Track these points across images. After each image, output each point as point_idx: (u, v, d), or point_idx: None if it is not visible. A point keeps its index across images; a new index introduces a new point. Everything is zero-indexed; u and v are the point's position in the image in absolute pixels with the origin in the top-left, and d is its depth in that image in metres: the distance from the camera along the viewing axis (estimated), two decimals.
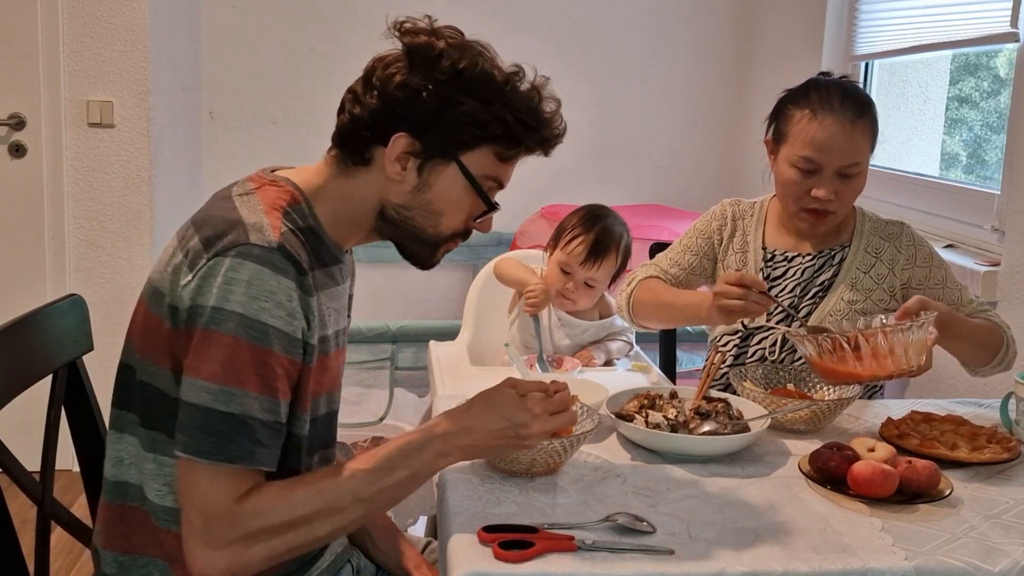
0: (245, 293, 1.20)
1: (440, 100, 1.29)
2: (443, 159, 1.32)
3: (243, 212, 1.27)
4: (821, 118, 1.85)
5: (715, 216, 2.09)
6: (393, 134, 1.30)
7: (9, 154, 3.22)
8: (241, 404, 1.20)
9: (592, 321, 2.33)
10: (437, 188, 1.33)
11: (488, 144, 1.32)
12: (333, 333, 1.37)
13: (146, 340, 1.29)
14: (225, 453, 1.20)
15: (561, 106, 1.37)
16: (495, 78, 1.31)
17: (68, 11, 3.16)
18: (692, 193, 4.19)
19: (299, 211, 1.32)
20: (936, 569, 1.22)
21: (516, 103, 1.31)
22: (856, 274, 1.97)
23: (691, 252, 2.08)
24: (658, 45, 4.17)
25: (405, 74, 1.29)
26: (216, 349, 1.19)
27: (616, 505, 1.36)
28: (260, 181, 1.34)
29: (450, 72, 1.29)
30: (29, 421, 1.79)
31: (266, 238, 1.23)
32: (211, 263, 1.22)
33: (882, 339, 1.58)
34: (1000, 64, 3.24)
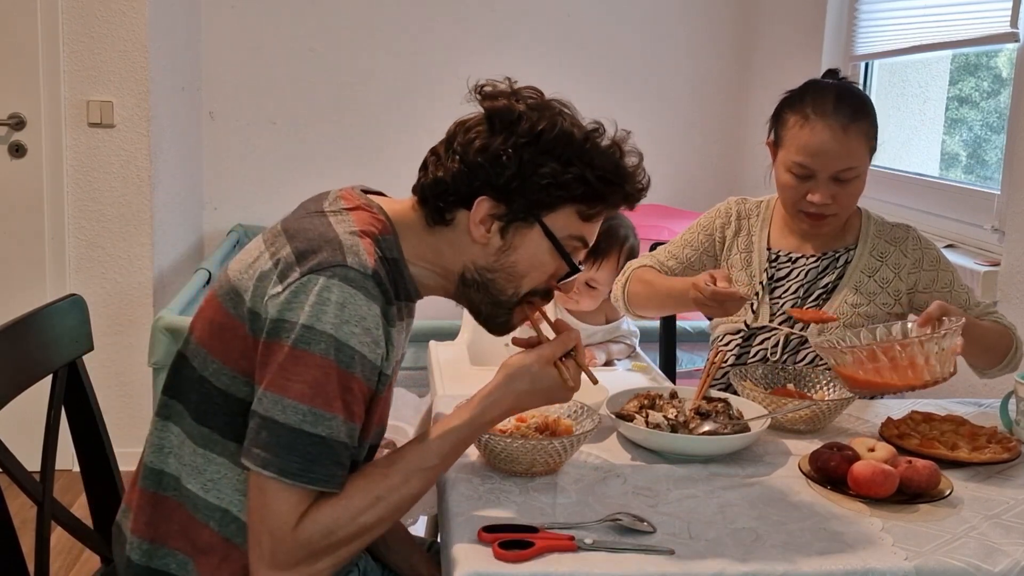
0: (337, 316, 1.20)
1: (520, 163, 1.29)
2: (526, 221, 1.32)
3: (339, 230, 1.27)
4: (813, 124, 1.85)
5: (720, 213, 2.09)
6: (476, 197, 1.30)
7: (9, 154, 3.22)
8: (328, 427, 1.21)
9: (599, 325, 2.32)
10: (521, 250, 1.33)
11: (571, 204, 1.32)
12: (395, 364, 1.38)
13: (216, 338, 1.29)
14: (309, 475, 1.20)
15: (643, 159, 1.38)
16: (574, 137, 1.31)
17: (68, 11, 3.16)
18: (692, 193, 4.19)
19: (388, 241, 1.32)
20: (936, 569, 1.22)
21: (596, 161, 1.32)
22: (860, 277, 1.96)
23: (691, 247, 2.09)
24: (658, 45, 4.17)
25: (486, 138, 1.30)
26: (305, 369, 1.20)
27: (616, 505, 1.36)
28: (353, 202, 1.35)
29: (529, 135, 1.29)
30: (29, 421, 1.79)
31: (362, 263, 1.23)
32: (304, 279, 1.21)
33: (918, 348, 1.56)
34: (1000, 64, 3.24)
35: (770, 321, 1.99)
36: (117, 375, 3.23)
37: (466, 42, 3.97)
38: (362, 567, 1.53)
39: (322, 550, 1.22)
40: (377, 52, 3.94)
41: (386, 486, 1.27)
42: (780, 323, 1.98)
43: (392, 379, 1.39)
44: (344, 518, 1.23)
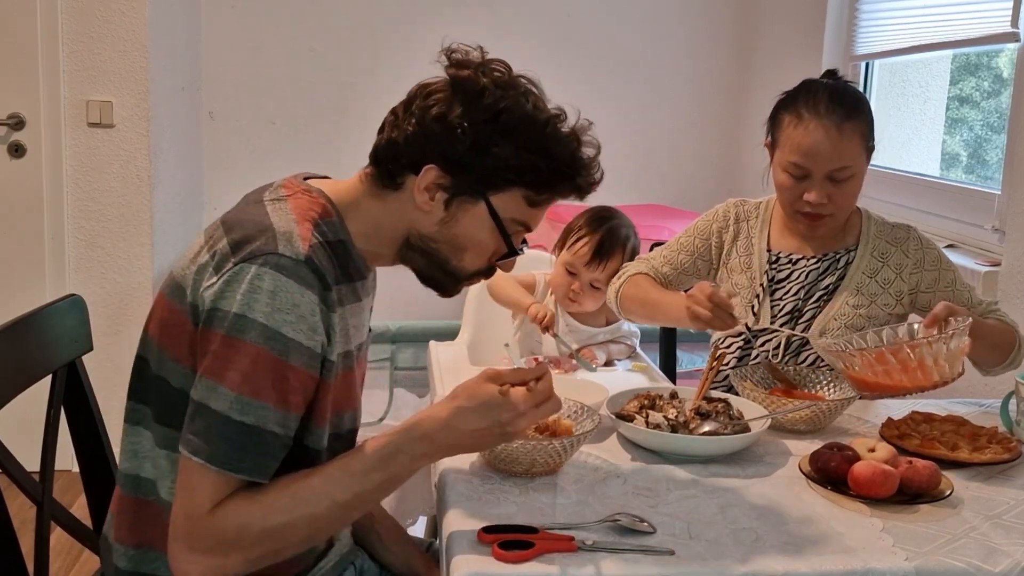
0: (269, 304, 1.20)
1: (475, 139, 1.28)
2: (472, 197, 1.31)
3: (274, 219, 1.27)
4: (807, 123, 1.85)
5: (716, 217, 2.08)
6: (425, 164, 1.29)
7: (9, 154, 3.21)
8: (258, 415, 1.20)
9: (600, 327, 2.33)
10: (463, 224, 1.32)
11: (519, 187, 1.31)
12: (356, 347, 1.37)
13: (166, 334, 1.29)
14: (235, 463, 1.20)
15: (600, 151, 1.37)
16: (535, 122, 1.29)
17: (68, 11, 3.16)
18: (692, 193, 4.19)
19: (330, 224, 1.31)
20: (937, 569, 1.22)
21: (552, 149, 1.30)
22: (862, 278, 1.96)
23: (685, 252, 2.08)
24: (658, 45, 4.17)
25: (445, 107, 1.28)
26: (238, 357, 1.19)
27: (616, 505, 1.36)
28: (293, 188, 1.34)
29: (489, 112, 1.28)
30: (29, 421, 1.79)
31: (295, 250, 1.23)
32: (237, 268, 1.21)
33: (927, 349, 1.56)
34: (1001, 64, 3.24)
35: (771, 323, 1.99)
36: (117, 375, 3.23)
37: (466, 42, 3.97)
38: (359, 566, 1.53)
39: (232, 543, 1.20)
40: (377, 52, 3.94)
41: (305, 485, 1.23)
42: (781, 325, 1.98)
43: (356, 360, 1.38)
44: (257, 512, 1.21)
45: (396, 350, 3.22)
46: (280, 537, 1.22)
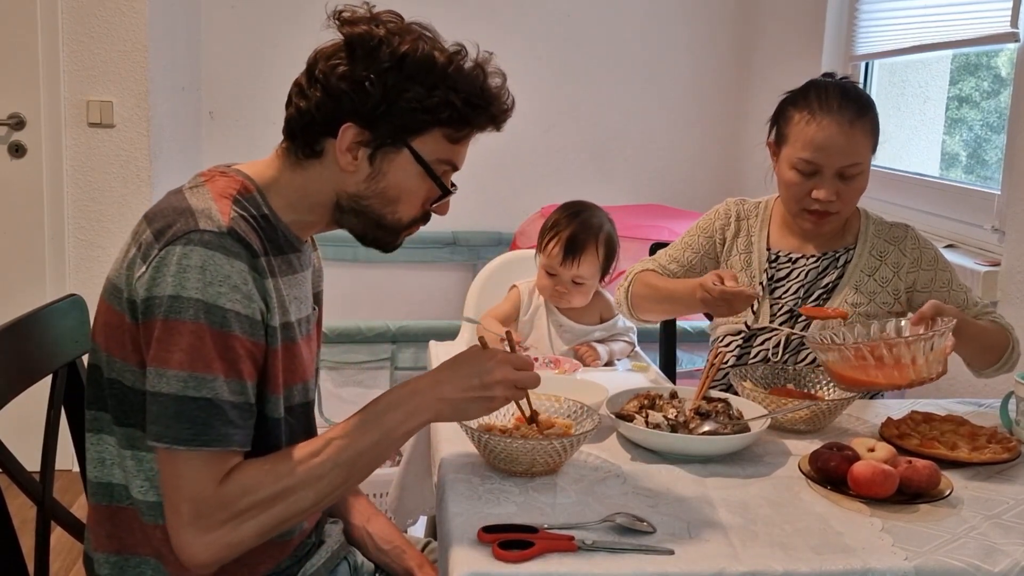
0: (200, 279, 1.20)
1: (384, 89, 1.28)
2: (394, 146, 1.32)
3: (192, 201, 1.28)
4: (820, 119, 1.85)
5: (719, 215, 2.09)
6: (341, 126, 1.30)
7: (9, 154, 3.22)
8: (211, 388, 1.21)
9: (594, 325, 2.32)
10: (391, 175, 1.33)
11: (437, 128, 1.32)
12: (297, 321, 1.37)
13: (109, 337, 1.29)
14: (202, 438, 1.20)
15: (507, 80, 1.38)
16: (437, 61, 1.30)
17: (68, 11, 3.16)
18: (692, 193, 4.19)
19: (251, 200, 1.32)
20: (936, 569, 1.22)
21: (461, 84, 1.31)
22: (860, 277, 1.96)
23: (691, 250, 2.09)
24: (658, 45, 4.17)
25: (347, 65, 1.29)
26: (180, 337, 1.20)
27: (616, 505, 1.36)
28: (211, 174, 1.35)
29: (392, 60, 1.28)
30: (29, 421, 1.79)
31: (216, 223, 1.24)
32: (163, 253, 1.22)
33: (905, 349, 1.56)
34: (1000, 64, 3.24)
35: (770, 322, 1.99)
36: None
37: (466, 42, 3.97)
38: (352, 562, 1.54)
39: (243, 511, 1.22)
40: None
41: (307, 451, 1.26)
42: (781, 324, 1.98)
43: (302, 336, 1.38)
44: (265, 478, 1.23)
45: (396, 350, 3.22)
46: (288, 502, 1.24)
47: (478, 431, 1.45)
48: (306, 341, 1.41)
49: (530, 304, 2.35)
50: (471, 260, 4.16)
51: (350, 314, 3.63)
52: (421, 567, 1.55)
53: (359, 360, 3.19)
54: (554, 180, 4.15)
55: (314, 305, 1.48)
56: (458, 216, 4.15)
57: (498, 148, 4.17)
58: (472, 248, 4.18)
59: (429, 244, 4.15)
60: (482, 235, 4.17)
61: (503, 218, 4.12)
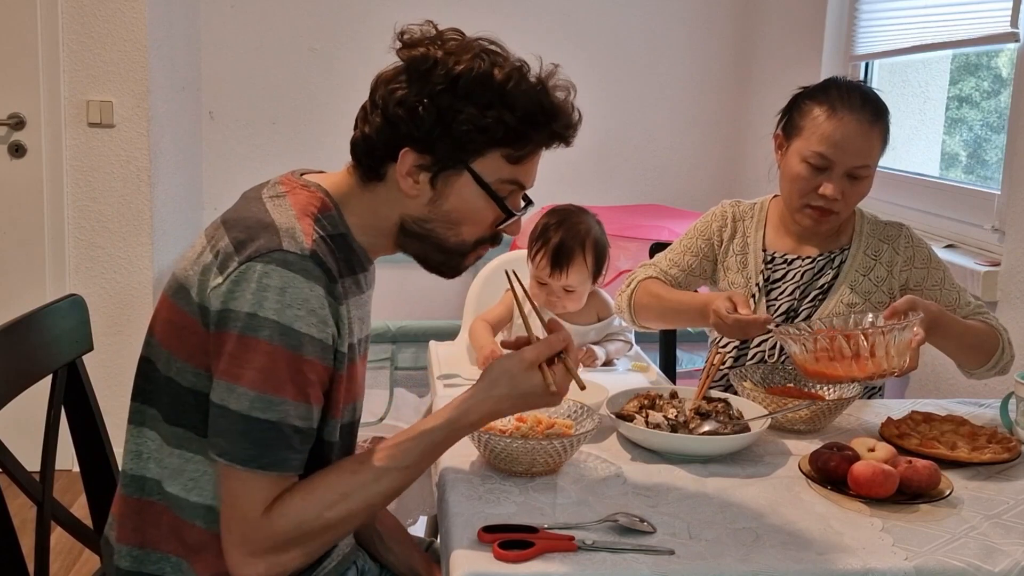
0: (279, 300, 1.20)
1: (438, 111, 1.27)
2: (454, 169, 1.31)
3: (275, 216, 1.27)
4: (841, 115, 1.85)
5: (715, 217, 2.09)
6: (400, 150, 1.29)
7: (9, 154, 3.22)
8: (278, 411, 1.21)
9: (591, 324, 2.32)
10: (453, 199, 1.32)
11: (495, 148, 1.30)
12: (358, 340, 1.38)
13: (173, 336, 1.29)
14: (262, 460, 1.22)
15: (574, 93, 1.35)
16: (493, 79, 1.28)
17: (68, 11, 3.16)
18: (692, 193, 4.19)
19: (330, 218, 1.32)
20: (936, 569, 1.22)
21: (517, 102, 1.29)
22: (855, 276, 1.96)
23: (691, 253, 2.08)
24: (658, 45, 4.17)
25: (403, 89, 1.29)
26: (254, 356, 1.20)
27: (616, 505, 1.36)
28: (291, 184, 1.34)
29: (445, 81, 1.27)
30: (29, 421, 1.79)
31: (299, 245, 1.23)
32: (243, 268, 1.22)
33: (863, 340, 1.57)
34: (1000, 64, 3.24)
35: None
36: (117, 375, 3.23)
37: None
38: (360, 566, 1.53)
39: (291, 541, 1.24)
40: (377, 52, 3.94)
41: (355, 483, 1.27)
42: (777, 326, 1.98)
43: (359, 355, 1.39)
44: (311, 512, 1.24)
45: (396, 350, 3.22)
46: (336, 529, 1.28)
47: (478, 431, 1.45)
48: (362, 360, 1.42)
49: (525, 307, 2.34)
50: None
51: None
52: (428, 569, 1.55)
53: None
54: (554, 180, 4.13)
55: None
56: None
57: None
58: None
59: None
60: None
61: None
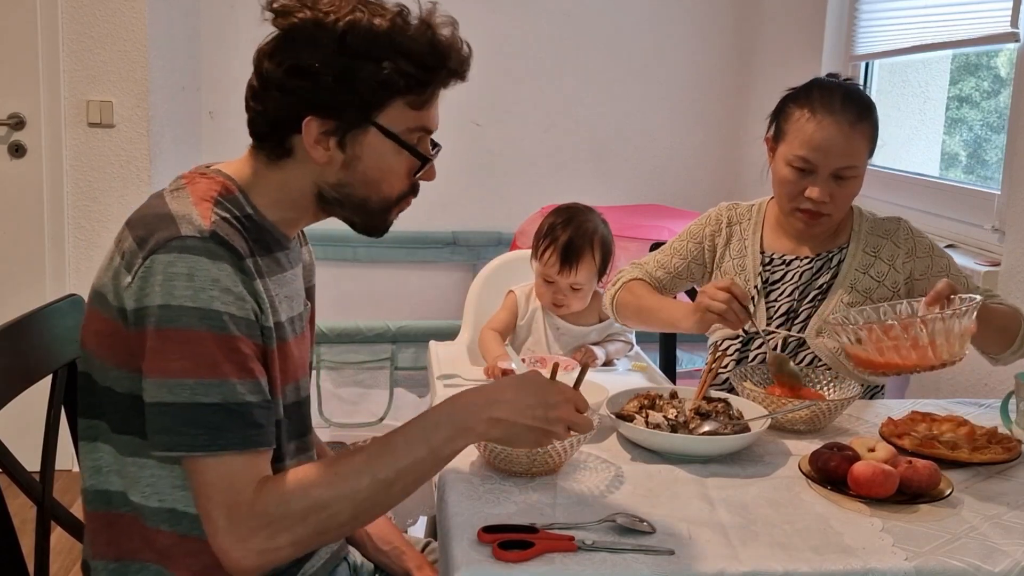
0: (190, 286, 1.19)
1: (334, 73, 1.25)
2: (360, 128, 1.29)
3: (173, 206, 1.26)
4: (820, 118, 1.85)
5: (709, 221, 2.09)
6: (302, 121, 1.27)
7: (9, 154, 3.22)
8: (222, 392, 1.19)
9: (591, 326, 2.32)
10: (366, 158, 1.30)
11: (397, 98, 1.29)
12: (288, 319, 1.35)
13: (103, 345, 1.27)
14: (221, 442, 1.19)
15: (457, 25, 1.33)
16: (379, 30, 1.26)
17: (68, 11, 3.16)
18: (692, 193, 4.19)
19: (233, 200, 1.31)
20: (936, 569, 1.22)
21: (409, 48, 1.27)
22: (855, 275, 1.96)
23: (679, 256, 2.09)
24: (658, 44, 4.17)
25: (292, 58, 1.26)
26: (176, 346, 1.18)
27: (616, 505, 1.36)
28: (191, 176, 1.34)
29: (333, 42, 1.25)
30: (29, 421, 1.79)
31: (197, 227, 1.22)
32: (147, 263, 1.20)
33: (939, 326, 1.52)
34: (1000, 64, 3.24)
35: (767, 324, 1.99)
36: None
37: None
38: (352, 562, 1.53)
39: (277, 521, 1.19)
40: None
41: (346, 462, 1.23)
42: (778, 326, 1.98)
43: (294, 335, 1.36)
44: (297, 489, 1.20)
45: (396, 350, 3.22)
46: (323, 515, 1.20)
47: None
48: (298, 340, 1.39)
49: (527, 308, 2.35)
50: (471, 260, 4.16)
51: (350, 314, 3.62)
52: (420, 568, 1.55)
53: (359, 360, 3.19)
54: (554, 180, 4.15)
55: (306, 301, 1.47)
56: (458, 216, 4.19)
57: (498, 148, 4.19)
58: (472, 248, 4.18)
59: (429, 244, 4.15)
60: (482, 235, 4.17)
61: (503, 218, 4.12)
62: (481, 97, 3.97)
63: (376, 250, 4.09)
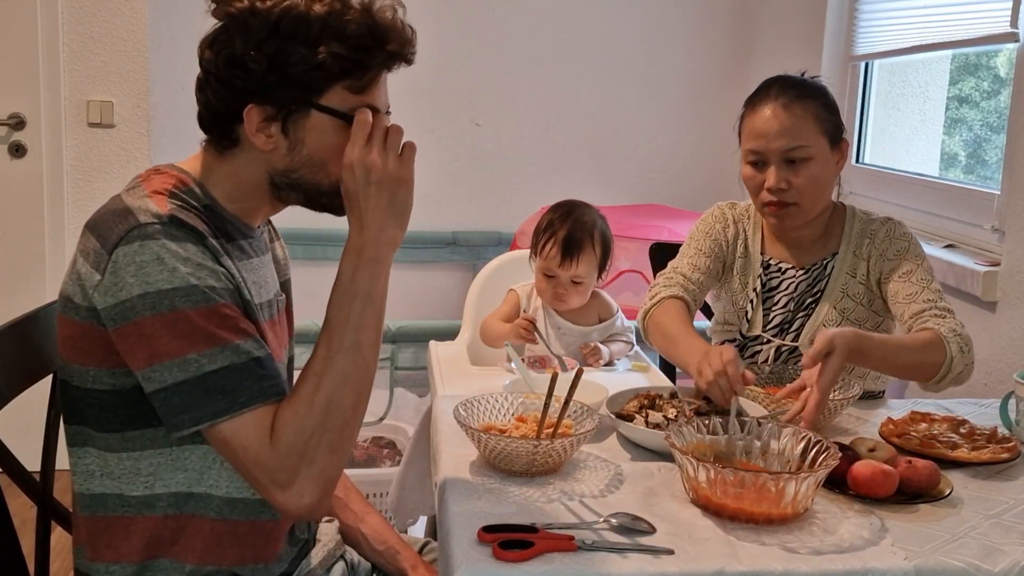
0: (162, 269, 1.19)
1: (268, 60, 1.26)
2: (301, 112, 1.29)
3: (128, 201, 1.27)
4: (758, 108, 1.90)
5: (716, 218, 2.07)
6: (243, 109, 1.28)
7: (9, 154, 3.22)
8: (226, 355, 1.20)
9: (593, 326, 2.32)
10: (310, 141, 1.31)
11: (336, 82, 1.28)
12: (258, 304, 1.36)
13: (79, 349, 1.27)
14: (239, 401, 1.21)
15: (403, 10, 1.34)
16: (313, 15, 1.26)
17: (68, 11, 3.16)
18: (691, 193, 4.19)
19: (189, 192, 1.31)
20: (936, 569, 1.22)
21: (344, 31, 1.27)
22: (846, 279, 1.95)
23: (704, 255, 2.03)
24: (658, 44, 4.17)
25: (228, 48, 1.27)
26: (168, 328, 1.19)
27: (616, 505, 1.36)
28: (146, 174, 1.34)
29: (266, 28, 1.26)
30: (29, 421, 1.79)
31: (155, 214, 1.23)
32: (113, 257, 1.21)
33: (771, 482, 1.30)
34: (1000, 64, 3.24)
35: (763, 331, 1.99)
36: None
37: (465, 42, 3.98)
38: (349, 560, 1.53)
39: (305, 448, 1.22)
40: None
41: (314, 361, 1.26)
42: (773, 335, 1.98)
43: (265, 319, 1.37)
44: (300, 410, 1.23)
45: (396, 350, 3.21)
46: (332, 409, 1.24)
47: (478, 431, 1.45)
48: (270, 325, 1.40)
49: (528, 307, 2.35)
50: (471, 260, 4.16)
51: None
52: (415, 568, 1.55)
53: None
54: (554, 180, 4.15)
55: (281, 292, 1.48)
56: (458, 216, 4.19)
57: (498, 148, 4.19)
58: (472, 248, 4.18)
59: (429, 244, 4.15)
60: (482, 235, 4.17)
61: (503, 218, 4.12)
62: (481, 97, 3.97)
63: None
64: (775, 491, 1.30)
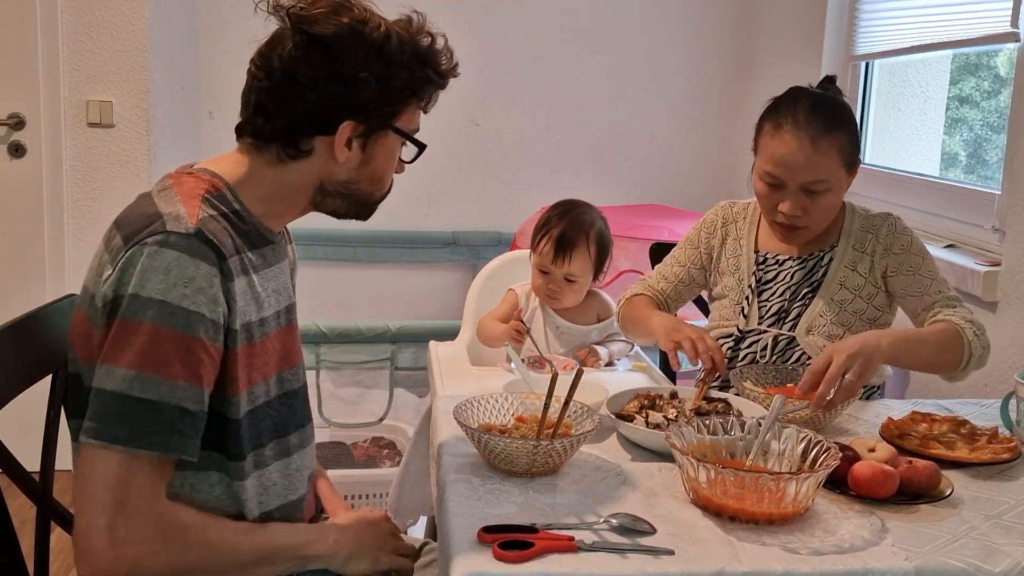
0: (164, 280, 1.20)
1: (378, 80, 1.31)
2: (382, 130, 1.36)
3: (161, 206, 1.28)
4: (783, 133, 1.85)
5: (706, 224, 2.12)
6: (338, 124, 1.32)
7: (9, 154, 3.22)
8: (159, 391, 1.19)
9: (592, 325, 2.32)
10: (379, 156, 1.38)
11: (413, 101, 1.37)
12: (274, 314, 1.37)
13: (85, 346, 1.28)
14: (140, 440, 1.19)
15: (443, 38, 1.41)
16: (405, 39, 1.34)
17: (68, 11, 3.16)
18: (692, 193, 4.19)
19: (220, 197, 1.32)
20: (937, 569, 1.22)
21: (428, 55, 1.36)
22: (844, 272, 1.96)
23: (679, 264, 2.13)
24: (658, 44, 4.17)
25: (331, 65, 1.30)
26: (134, 337, 1.19)
27: (616, 505, 1.36)
28: (177, 176, 1.36)
29: (373, 51, 1.31)
30: (29, 421, 1.78)
31: (183, 225, 1.24)
32: (129, 253, 1.22)
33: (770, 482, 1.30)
34: (1000, 64, 3.24)
35: (759, 323, 1.99)
36: None
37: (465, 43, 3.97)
38: None
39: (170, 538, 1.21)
40: None
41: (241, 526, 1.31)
42: (769, 325, 1.99)
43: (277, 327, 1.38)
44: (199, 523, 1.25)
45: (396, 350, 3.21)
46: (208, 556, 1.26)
47: (478, 431, 1.45)
48: (282, 332, 1.41)
49: (527, 307, 2.35)
50: (471, 260, 4.16)
51: (350, 314, 3.62)
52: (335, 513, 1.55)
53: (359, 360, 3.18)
54: (554, 180, 4.15)
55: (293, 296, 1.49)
56: (458, 216, 4.19)
57: (498, 148, 4.19)
58: (472, 248, 4.18)
59: (429, 244, 4.15)
60: (482, 235, 4.17)
61: (503, 218, 4.12)
62: (481, 97, 3.97)
63: (376, 250, 4.09)
64: (776, 491, 1.30)
